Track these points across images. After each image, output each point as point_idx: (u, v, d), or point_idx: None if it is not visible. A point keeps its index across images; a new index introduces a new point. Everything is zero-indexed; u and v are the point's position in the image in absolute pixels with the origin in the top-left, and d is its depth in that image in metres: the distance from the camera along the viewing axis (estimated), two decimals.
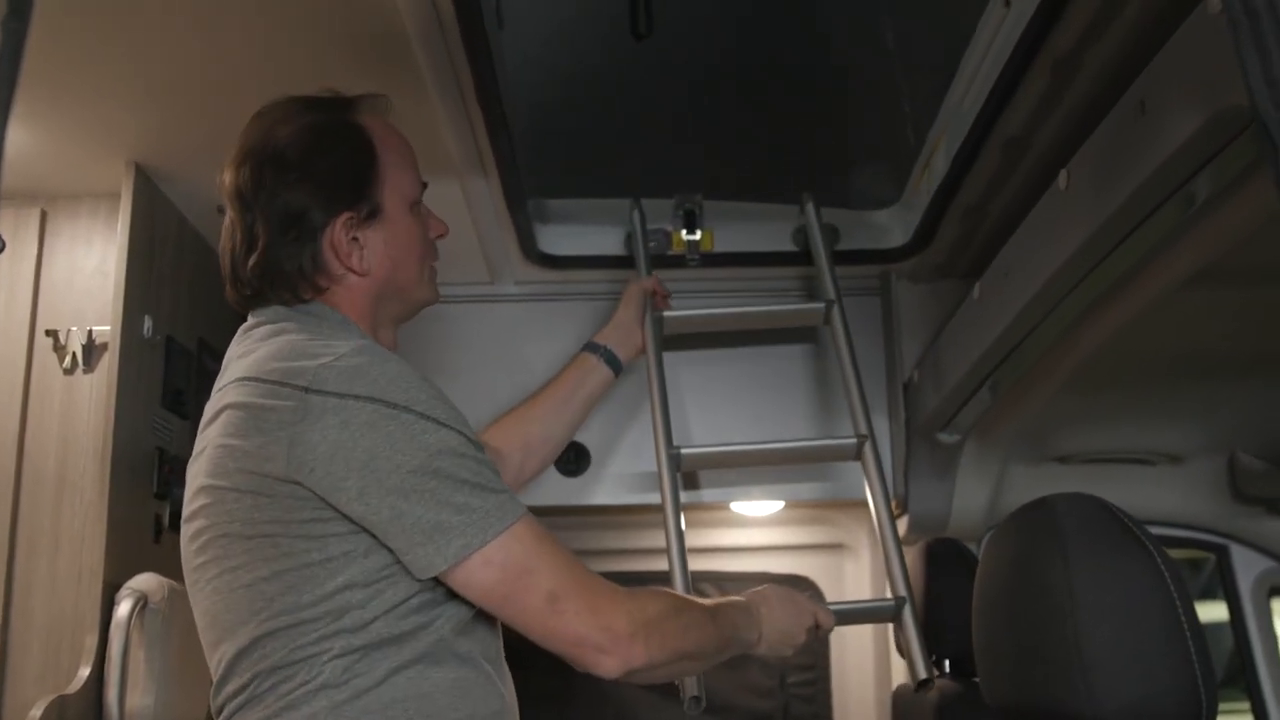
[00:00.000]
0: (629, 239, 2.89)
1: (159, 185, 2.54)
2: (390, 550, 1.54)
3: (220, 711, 1.61)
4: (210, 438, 1.63)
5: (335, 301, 1.74)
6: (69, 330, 2.50)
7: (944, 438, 2.79)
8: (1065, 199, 1.81)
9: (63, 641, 2.34)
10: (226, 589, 1.59)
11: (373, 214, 1.75)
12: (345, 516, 1.53)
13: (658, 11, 2.66)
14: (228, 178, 1.74)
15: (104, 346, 2.46)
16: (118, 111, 2.28)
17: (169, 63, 2.11)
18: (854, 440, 2.61)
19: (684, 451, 2.58)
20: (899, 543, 2.47)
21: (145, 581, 2.31)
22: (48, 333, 2.50)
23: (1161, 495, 2.99)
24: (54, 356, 2.50)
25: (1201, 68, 1.36)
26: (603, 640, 1.58)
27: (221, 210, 2.64)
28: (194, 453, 1.70)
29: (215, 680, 1.63)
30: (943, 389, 2.63)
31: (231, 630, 1.59)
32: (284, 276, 1.70)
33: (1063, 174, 1.81)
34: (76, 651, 2.28)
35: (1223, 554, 3.14)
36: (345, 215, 1.72)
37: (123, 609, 2.25)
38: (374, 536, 1.54)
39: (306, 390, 1.53)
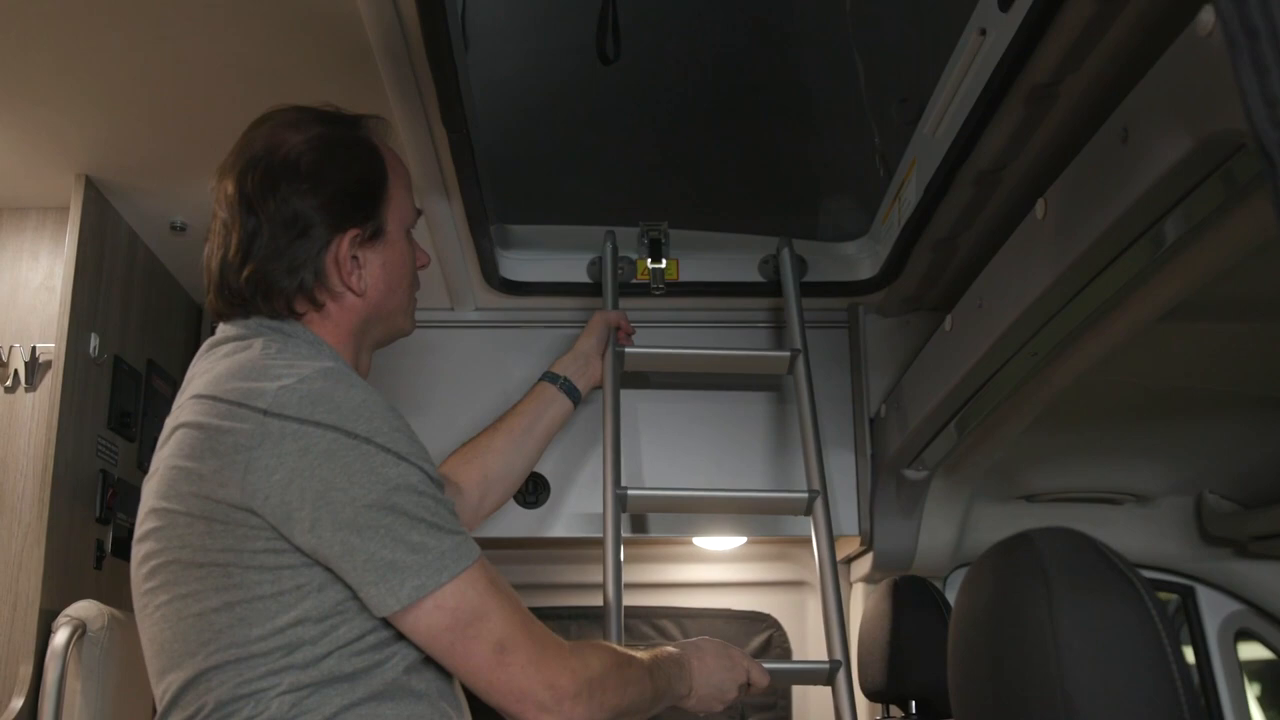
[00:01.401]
0: (592, 266, 2.84)
1: (109, 199, 2.47)
2: (346, 585, 1.49)
3: None
4: (164, 457, 1.58)
5: (316, 322, 1.68)
6: (11, 347, 2.43)
7: (910, 474, 2.75)
8: (1042, 228, 1.77)
9: None
10: (175, 617, 1.53)
11: (376, 234, 1.72)
12: (298, 549, 1.47)
13: (629, 41, 2.63)
14: (228, 183, 1.68)
15: (48, 364, 2.39)
16: (68, 122, 2.22)
17: (123, 74, 2.06)
18: (805, 495, 2.59)
19: (631, 493, 2.53)
20: (841, 605, 2.46)
21: (84, 609, 2.22)
22: None
23: (1128, 535, 2.96)
24: None
25: (1188, 92, 1.33)
26: (546, 698, 1.55)
27: (175, 227, 2.59)
28: (149, 471, 1.64)
29: (160, 710, 1.57)
30: (910, 424, 2.59)
31: (179, 661, 1.53)
32: (278, 288, 1.64)
33: (1040, 203, 1.77)
34: (9, 682, 2.20)
35: (1188, 595, 3.11)
36: (353, 232, 1.68)
37: (59, 637, 2.16)
38: (329, 570, 1.49)
39: (265, 413, 1.48)
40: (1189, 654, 3.11)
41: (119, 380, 2.52)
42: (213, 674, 1.49)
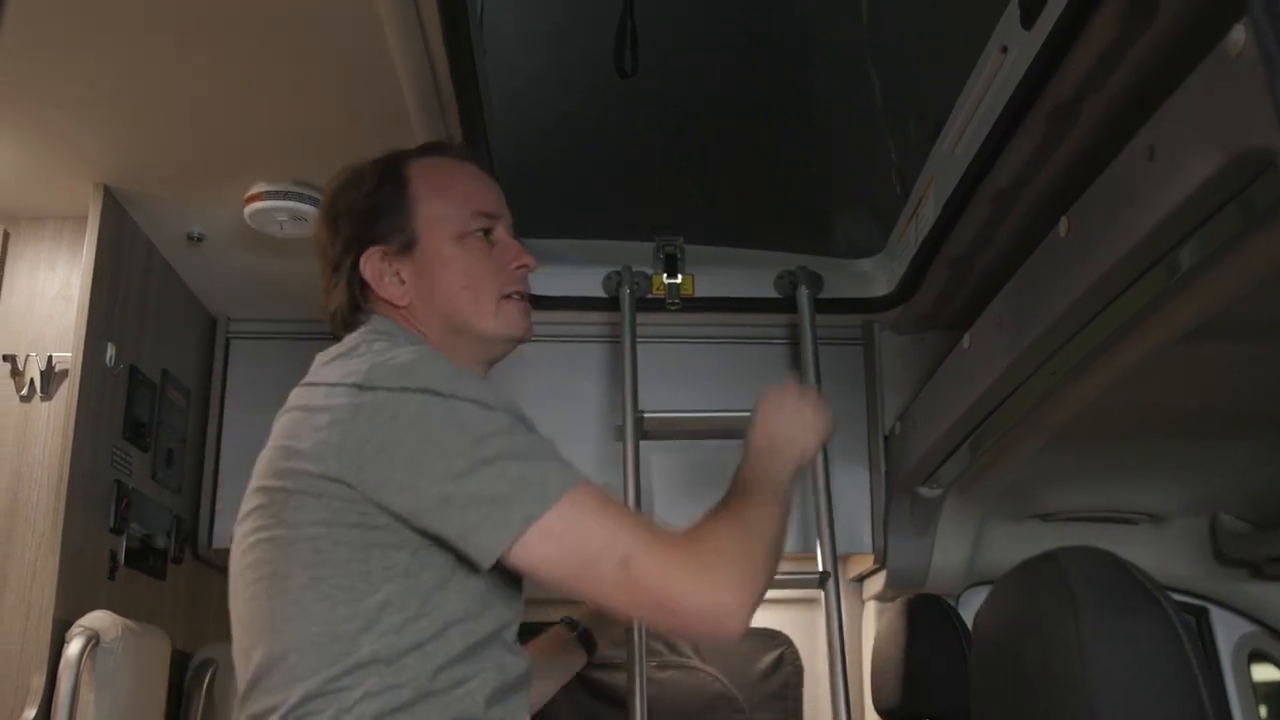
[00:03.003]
0: (608, 280, 2.85)
1: (128, 209, 2.47)
2: (436, 571, 1.48)
3: None
4: (268, 446, 1.61)
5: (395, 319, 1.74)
6: (28, 356, 2.42)
7: (925, 492, 2.75)
8: (1066, 247, 1.77)
9: (7, 682, 2.24)
10: (264, 594, 1.53)
11: (407, 245, 1.73)
12: (397, 518, 1.47)
13: (646, 55, 2.63)
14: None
15: (64, 374, 2.39)
16: (87, 132, 2.22)
17: (142, 86, 2.06)
18: (816, 576, 2.67)
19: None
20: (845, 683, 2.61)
21: (98, 620, 2.22)
22: (5, 358, 2.42)
23: (1142, 555, 2.90)
24: (11, 382, 2.42)
25: (1217, 111, 1.33)
26: (696, 600, 1.45)
27: (192, 238, 2.60)
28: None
29: (243, 689, 1.55)
30: (925, 442, 2.59)
31: (261, 638, 1.52)
32: (339, 314, 1.74)
33: (1063, 221, 1.77)
34: (23, 692, 2.18)
35: (1202, 616, 3.09)
36: (373, 249, 1.71)
37: (73, 648, 2.15)
38: (429, 540, 1.47)
39: (359, 388, 1.50)
40: None
41: (134, 390, 2.52)
42: (294, 656, 1.48)
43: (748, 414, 2.79)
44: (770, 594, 3.26)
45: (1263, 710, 3.34)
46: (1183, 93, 1.41)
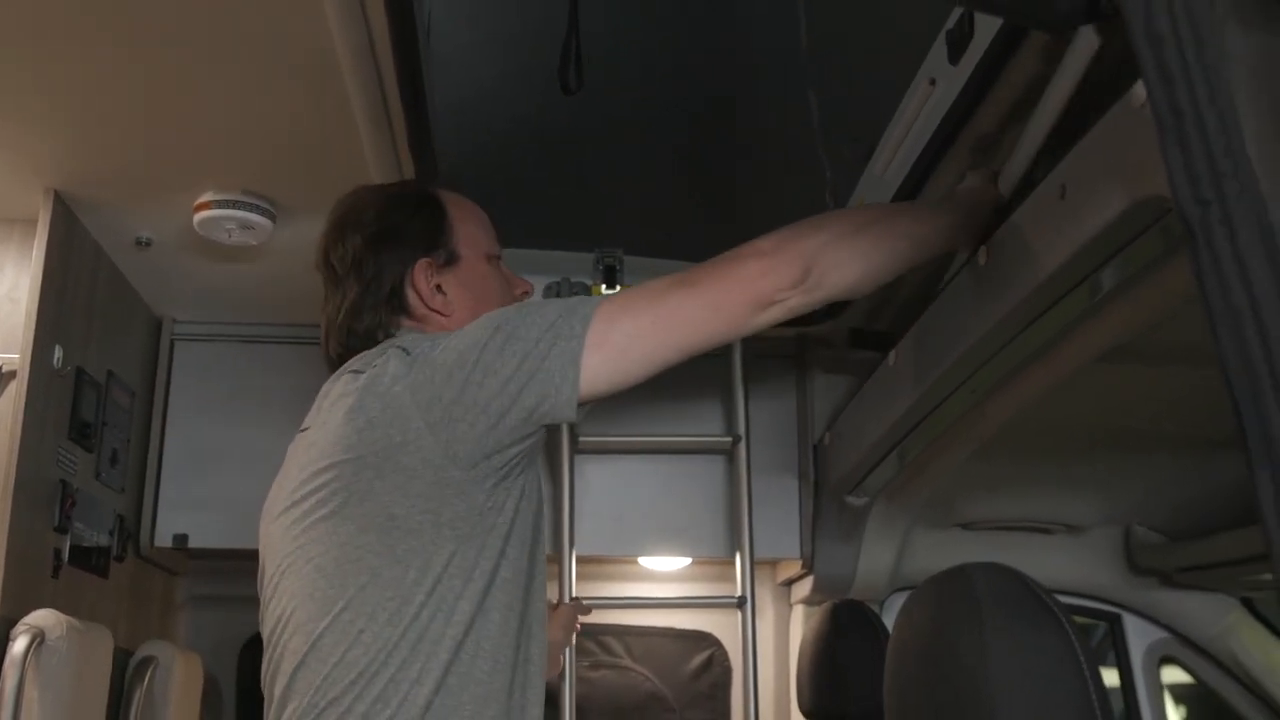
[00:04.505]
0: (548, 291, 2.90)
1: (77, 214, 2.50)
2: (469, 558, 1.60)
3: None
4: (314, 438, 1.71)
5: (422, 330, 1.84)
6: None
7: (852, 500, 2.84)
8: (984, 274, 1.86)
9: None
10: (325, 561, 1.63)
11: (450, 260, 1.87)
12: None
13: (591, 70, 2.69)
14: (319, 254, 1.89)
15: (11, 375, 2.41)
16: (38, 138, 2.25)
17: (94, 95, 2.09)
18: (735, 599, 2.83)
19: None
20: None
21: (42, 618, 2.25)
22: None
23: (1059, 564, 3.06)
24: None
25: (1122, 158, 1.41)
26: (757, 262, 1.75)
27: (140, 243, 2.63)
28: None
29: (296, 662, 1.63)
30: (852, 452, 2.67)
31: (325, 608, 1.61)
32: (365, 330, 1.82)
33: (982, 250, 1.86)
34: None
35: (1115, 622, 3.22)
36: (424, 261, 1.84)
37: (18, 646, 2.18)
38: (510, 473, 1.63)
39: (406, 350, 1.65)
40: (1115, 678, 3.22)
41: (80, 391, 2.55)
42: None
43: (675, 438, 2.95)
44: (702, 594, 3.36)
45: (1182, 710, 3.49)
46: (1092, 137, 1.50)
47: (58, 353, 2.44)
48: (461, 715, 1.56)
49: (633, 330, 1.65)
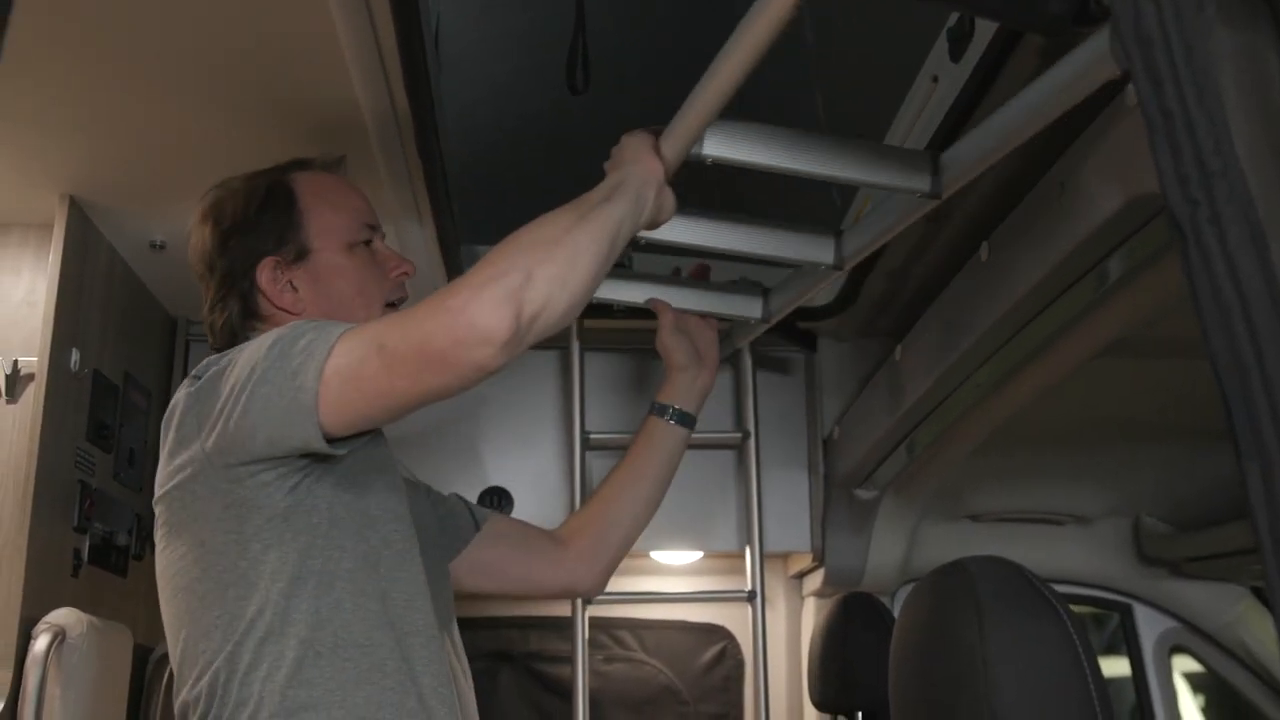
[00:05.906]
0: None
1: (92, 219, 2.53)
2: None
3: None
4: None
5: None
6: None
7: (862, 493, 2.86)
8: (986, 270, 1.88)
9: None
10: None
11: (300, 255, 1.83)
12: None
13: (598, 69, 2.71)
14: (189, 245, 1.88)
15: (30, 377, 2.44)
16: (54, 143, 2.27)
17: (108, 97, 2.11)
18: (746, 593, 2.82)
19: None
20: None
21: (63, 616, 2.28)
22: None
23: (1069, 554, 3.08)
24: None
25: (1118, 155, 1.44)
26: (448, 324, 1.44)
27: (155, 246, 2.66)
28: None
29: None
30: (862, 446, 2.69)
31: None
32: (225, 327, 1.82)
33: (984, 246, 1.88)
34: None
35: (1126, 613, 3.24)
36: (269, 259, 1.81)
37: (39, 644, 2.22)
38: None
39: (196, 377, 1.68)
40: (1126, 667, 3.24)
41: (97, 393, 2.58)
42: None
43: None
44: (714, 589, 3.38)
45: (1201, 699, 3.50)
46: (1089, 135, 1.52)
47: (75, 355, 2.47)
48: (330, 702, 1.56)
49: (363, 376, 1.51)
